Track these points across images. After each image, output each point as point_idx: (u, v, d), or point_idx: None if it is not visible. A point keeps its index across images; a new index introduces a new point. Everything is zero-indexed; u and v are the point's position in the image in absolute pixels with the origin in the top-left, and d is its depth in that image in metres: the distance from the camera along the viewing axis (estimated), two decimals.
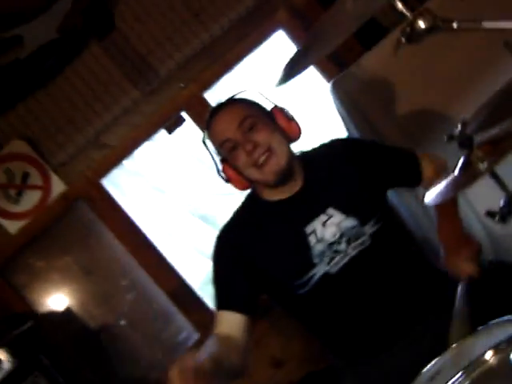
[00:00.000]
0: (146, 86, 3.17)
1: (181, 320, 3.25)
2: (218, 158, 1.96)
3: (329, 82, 2.84)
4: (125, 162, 3.34)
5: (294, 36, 3.29)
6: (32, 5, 2.68)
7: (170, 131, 3.19)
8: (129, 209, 3.27)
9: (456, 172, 1.33)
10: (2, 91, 2.98)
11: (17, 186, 3.11)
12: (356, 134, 2.79)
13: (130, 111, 3.19)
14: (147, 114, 3.20)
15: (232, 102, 1.96)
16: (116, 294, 3.36)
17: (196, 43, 3.19)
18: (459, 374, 1.20)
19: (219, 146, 1.92)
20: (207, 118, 1.95)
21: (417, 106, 2.73)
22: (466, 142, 1.25)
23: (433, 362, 1.36)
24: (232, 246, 1.96)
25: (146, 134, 3.24)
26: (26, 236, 3.14)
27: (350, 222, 1.89)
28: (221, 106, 1.96)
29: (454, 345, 1.36)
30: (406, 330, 1.87)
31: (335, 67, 3.10)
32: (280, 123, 1.92)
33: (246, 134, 1.86)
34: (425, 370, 1.37)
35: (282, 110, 1.95)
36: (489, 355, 1.21)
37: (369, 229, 1.90)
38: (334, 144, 2.09)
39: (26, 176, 3.11)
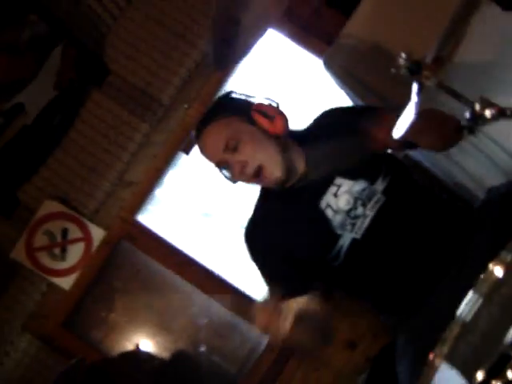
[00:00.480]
0: (153, 117, 3.26)
1: (245, 328, 3.30)
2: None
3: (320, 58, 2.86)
4: (157, 193, 3.42)
5: (285, 32, 3.33)
6: (24, 71, 2.80)
7: (187, 152, 3.26)
8: (172, 237, 3.35)
9: (413, 98, 1.35)
10: (21, 160, 3.10)
11: (59, 244, 3.22)
12: (359, 103, 2.80)
13: (145, 145, 3.28)
14: (161, 142, 3.28)
15: (211, 120, 1.98)
16: (189, 322, 3.43)
17: (189, 63, 3.27)
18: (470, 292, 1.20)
19: (215, 165, 1.98)
20: (195, 133, 2.01)
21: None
22: (414, 68, 1.27)
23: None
24: (260, 241, 2.02)
25: (166, 161, 3.31)
26: (81, 288, 3.26)
27: (359, 186, 1.92)
28: (203, 125, 1.99)
29: None
30: (443, 272, 1.88)
31: (323, 44, 3.11)
32: (263, 126, 1.94)
33: (233, 155, 1.90)
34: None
35: (261, 112, 1.94)
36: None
37: (379, 186, 1.93)
38: (325, 115, 2.12)
39: (65, 232, 3.23)
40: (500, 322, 1.06)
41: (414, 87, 1.32)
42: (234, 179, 1.95)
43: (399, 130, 1.50)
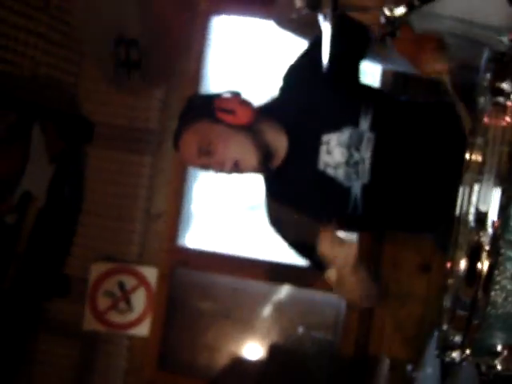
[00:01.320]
0: (150, 146, 3.30)
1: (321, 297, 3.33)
2: None
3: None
4: (193, 209, 3.47)
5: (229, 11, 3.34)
6: (13, 163, 2.87)
7: None
8: (223, 244, 3.40)
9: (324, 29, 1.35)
10: (53, 241, 3.19)
11: (121, 298, 3.31)
12: None
13: (154, 176, 3.34)
14: (169, 165, 3.33)
15: (181, 130, 2.01)
16: (272, 314, 3.47)
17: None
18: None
19: (200, 168, 2.03)
20: (174, 147, 2.04)
21: None
22: (312, 3, 1.28)
23: None
24: (285, 222, 2.03)
25: (181, 181, 3.36)
26: (159, 328, 3.34)
27: (345, 134, 1.92)
28: (176, 137, 2.02)
29: None
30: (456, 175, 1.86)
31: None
32: (230, 122, 1.96)
33: (208, 157, 1.93)
34: None
35: (222, 109, 1.96)
36: None
37: (364, 125, 1.93)
38: (286, 78, 2.11)
39: (122, 285, 3.31)
40: None
41: (320, 19, 1.32)
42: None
43: None
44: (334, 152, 1.92)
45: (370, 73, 3.17)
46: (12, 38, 2.83)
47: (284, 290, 3.37)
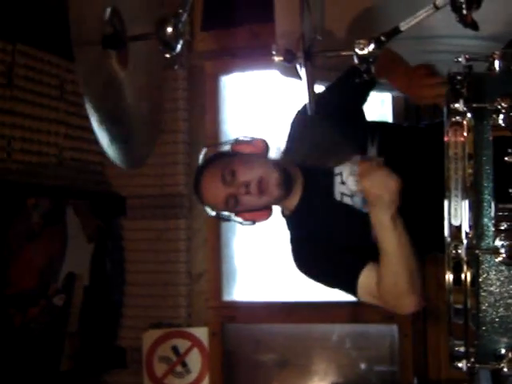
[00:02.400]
0: (183, 210, 3.41)
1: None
2: (231, 215, 2.10)
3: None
4: (236, 263, 3.52)
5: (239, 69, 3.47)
6: (53, 248, 2.99)
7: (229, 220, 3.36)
8: (268, 293, 3.44)
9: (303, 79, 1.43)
10: (102, 315, 3.28)
11: (177, 362, 3.37)
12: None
13: (192, 237, 3.45)
14: (203, 225, 3.42)
15: (203, 169, 2.09)
16: (334, 354, 3.47)
17: (181, 147, 3.43)
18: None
19: (225, 207, 2.06)
20: (196, 196, 2.10)
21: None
22: (288, 57, 1.36)
23: None
24: (312, 261, 2.06)
25: (217, 237, 3.43)
26: None
27: (356, 162, 1.97)
28: (197, 180, 2.09)
29: None
30: None
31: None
32: (246, 151, 2.05)
33: (233, 183, 1.99)
34: None
35: (239, 142, 2.07)
36: None
37: (372, 151, 1.98)
38: (293, 123, 2.18)
39: (176, 349, 3.37)
40: None
41: (298, 69, 1.39)
42: (247, 208, 2.02)
43: None
44: (348, 182, 1.96)
45: (382, 100, 3.25)
46: (34, 130, 2.98)
47: (336, 329, 3.37)
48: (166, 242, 3.43)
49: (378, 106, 3.24)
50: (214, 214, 2.09)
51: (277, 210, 2.11)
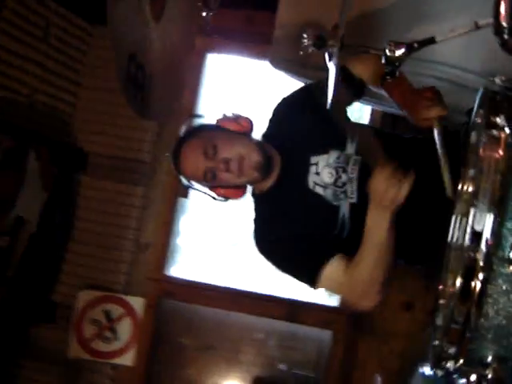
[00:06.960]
0: (143, 178, 3.37)
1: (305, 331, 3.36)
2: (205, 188, 2.09)
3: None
4: (178, 242, 3.52)
5: (225, 50, 3.44)
6: (7, 188, 2.91)
7: (186, 196, 3.35)
8: (206, 276, 3.44)
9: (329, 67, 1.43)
10: (42, 266, 3.22)
11: (107, 327, 3.33)
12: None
13: (147, 206, 3.40)
14: (160, 197, 3.38)
15: (185, 139, 2.08)
16: (257, 348, 3.49)
17: None
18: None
19: (202, 180, 2.05)
20: (173, 165, 2.08)
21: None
22: (319, 43, 1.35)
23: None
24: (273, 243, 2.07)
25: (171, 212, 3.41)
26: (144, 358, 3.35)
27: (333, 156, 2.00)
28: (179, 147, 2.07)
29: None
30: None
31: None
32: (231, 128, 2.04)
33: (214, 158, 1.98)
34: None
35: (225, 118, 2.07)
36: None
37: (351, 149, 2.02)
38: (278, 109, 2.19)
39: (108, 314, 3.33)
40: None
41: (326, 57, 1.39)
42: (223, 183, 2.01)
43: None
44: (322, 173, 2.00)
45: (360, 110, 3.28)
46: (10, 65, 2.90)
47: (270, 324, 3.39)
48: (120, 206, 3.38)
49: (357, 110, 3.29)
50: (187, 183, 2.08)
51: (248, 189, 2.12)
